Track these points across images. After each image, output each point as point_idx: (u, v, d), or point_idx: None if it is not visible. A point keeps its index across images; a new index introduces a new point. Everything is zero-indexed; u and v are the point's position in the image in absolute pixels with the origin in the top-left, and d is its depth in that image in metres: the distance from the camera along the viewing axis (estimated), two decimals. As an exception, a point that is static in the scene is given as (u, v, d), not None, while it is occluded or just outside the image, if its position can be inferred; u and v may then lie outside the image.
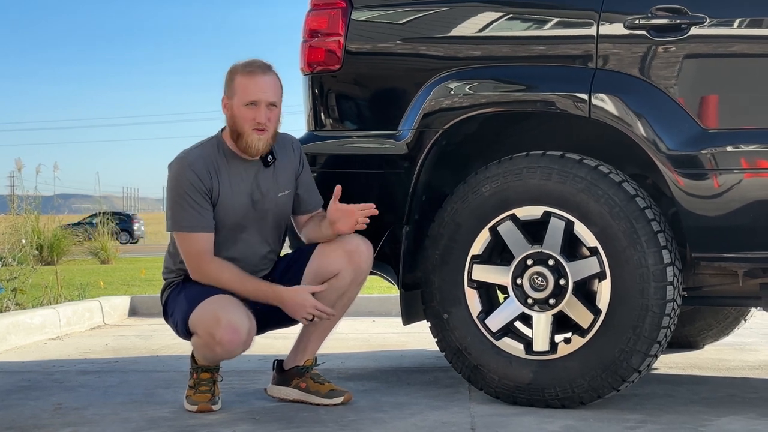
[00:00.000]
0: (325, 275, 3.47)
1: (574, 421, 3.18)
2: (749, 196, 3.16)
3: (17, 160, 11.71)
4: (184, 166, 3.38)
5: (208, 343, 3.30)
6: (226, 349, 3.30)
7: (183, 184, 3.35)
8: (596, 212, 3.28)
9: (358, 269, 3.46)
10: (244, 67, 3.42)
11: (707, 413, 3.31)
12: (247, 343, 3.33)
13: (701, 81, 3.27)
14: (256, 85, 3.37)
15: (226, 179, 3.42)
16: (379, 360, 4.62)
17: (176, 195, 3.37)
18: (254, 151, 3.40)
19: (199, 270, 3.40)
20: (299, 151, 3.57)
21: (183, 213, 3.36)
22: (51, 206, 13.97)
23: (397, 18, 3.68)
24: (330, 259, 3.46)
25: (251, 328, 3.32)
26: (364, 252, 3.47)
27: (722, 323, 4.68)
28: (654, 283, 3.22)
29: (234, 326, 3.26)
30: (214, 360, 3.42)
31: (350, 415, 3.34)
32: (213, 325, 3.27)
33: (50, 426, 3.25)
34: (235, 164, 3.45)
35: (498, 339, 3.44)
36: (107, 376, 4.25)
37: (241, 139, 3.39)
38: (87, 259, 13.19)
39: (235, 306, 3.32)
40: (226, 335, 3.26)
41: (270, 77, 3.41)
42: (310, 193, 3.58)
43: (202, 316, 3.31)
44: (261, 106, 3.36)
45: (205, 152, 3.43)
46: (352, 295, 3.53)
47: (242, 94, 3.38)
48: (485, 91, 3.49)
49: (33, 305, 6.26)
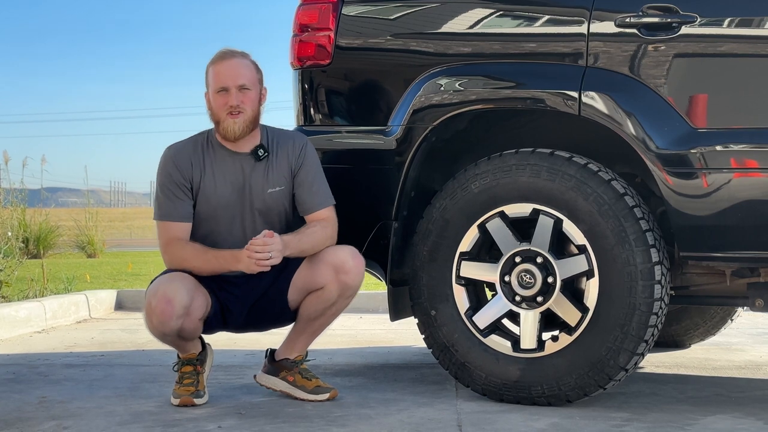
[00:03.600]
0: (311, 286, 3.46)
1: (560, 419, 3.18)
2: (738, 196, 3.17)
3: (4, 153, 11.64)
4: (167, 158, 3.48)
5: (147, 312, 3.35)
6: (159, 320, 3.31)
7: (164, 174, 3.47)
8: (585, 210, 3.27)
9: (343, 286, 3.43)
10: (214, 58, 3.48)
11: (693, 412, 3.32)
12: (184, 319, 3.31)
13: (691, 80, 3.27)
14: (224, 69, 3.43)
15: (209, 170, 3.46)
16: (366, 356, 4.61)
17: (158, 185, 3.49)
18: (232, 135, 3.43)
19: (167, 253, 3.47)
20: (301, 149, 3.52)
21: (162, 202, 3.46)
22: (38, 199, 13.90)
23: (388, 13, 3.67)
24: (316, 273, 3.44)
25: (191, 306, 3.32)
26: (352, 269, 3.42)
27: (709, 323, 4.69)
28: (642, 281, 3.22)
29: (168, 297, 3.29)
30: (157, 334, 3.39)
31: (337, 410, 3.33)
32: (152, 295, 3.33)
33: (34, 419, 3.23)
34: (222, 156, 3.47)
35: (485, 336, 3.44)
36: (92, 370, 4.23)
37: (220, 126, 3.44)
38: (73, 252, 13.14)
39: (179, 281, 3.34)
40: (159, 305, 3.29)
41: (238, 60, 3.44)
42: (309, 193, 3.51)
43: (149, 289, 3.38)
44: (231, 90, 3.40)
45: (191, 144, 3.50)
46: (341, 306, 3.51)
47: (213, 82, 3.44)
48: (475, 88, 3.48)
49: (18, 298, 6.23)
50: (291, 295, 3.48)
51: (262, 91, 3.50)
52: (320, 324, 3.54)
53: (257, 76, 3.47)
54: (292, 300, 3.49)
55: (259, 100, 3.47)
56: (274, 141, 3.52)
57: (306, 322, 3.52)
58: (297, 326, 3.56)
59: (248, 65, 3.46)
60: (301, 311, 3.50)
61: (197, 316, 3.37)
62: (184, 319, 3.32)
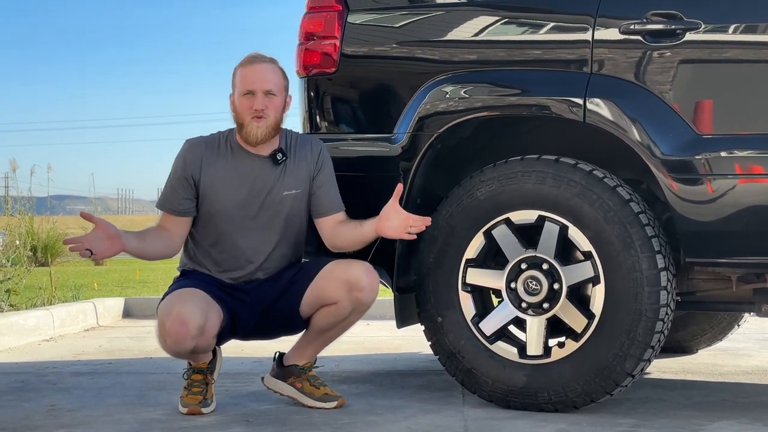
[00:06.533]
0: (324, 301, 3.46)
1: (567, 426, 3.18)
2: (743, 202, 3.17)
3: (12, 161, 11.67)
4: (181, 151, 3.54)
5: (161, 333, 3.33)
6: (174, 341, 3.30)
7: (174, 166, 3.54)
8: (590, 216, 3.28)
9: (357, 302, 3.43)
10: (244, 61, 3.48)
11: (700, 418, 3.32)
12: (199, 339, 3.32)
13: (696, 86, 3.28)
14: (252, 73, 3.43)
15: (221, 168, 3.47)
16: (373, 363, 4.62)
17: (169, 174, 3.55)
18: (254, 139, 3.43)
19: None
20: (319, 153, 3.55)
21: (164, 191, 3.54)
22: (45, 207, 13.92)
23: (393, 21, 3.69)
24: (330, 287, 3.44)
25: (205, 326, 3.31)
26: (366, 287, 3.42)
27: (715, 328, 4.69)
28: (648, 287, 3.22)
29: (183, 318, 3.27)
30: (172, 352, 3.40)
31: (344, 418, 3.34)
32: (166, 315, 3.31)
33: (43, 427, 3.24)
34: (240, 157, 3.49)
35: (492, 343, 3.44)
36: (101, 378, 4.24)
37: (243, 129, 3.45)
38: (81, 260, 13.17)
39: (193, 299, 3.33)
40: (174, 326, 3.28)
41: (266, 65, 3.46)
42: (327, 194, 3.53)
43: (162, 306, 3.37)
44: (258, 95, 3.41)
45: (208, 142, 3.54)
46: (353, 320, 3.52)
47: (240, 84, 3.44)
48: (480, 95, 3.49)
49: (27, 306, 6.25)
50: (303, 307, 3.49)
51: (287, 99, 3.51)
52: (331, 335, 3.55)
53: (284, 83, 3.49)
54: (303, 311, 3.50)
55: (283, 107, 3.48)
56: (293, 145, 3.54)
57: (317, 332, 3.53)
58: (307, 335, 3.57)
59: (276, 71, 3.47)
60: (313, 322, 3.51)
61: (212, 334, 3.38)
62: (198, 338, 3.32)
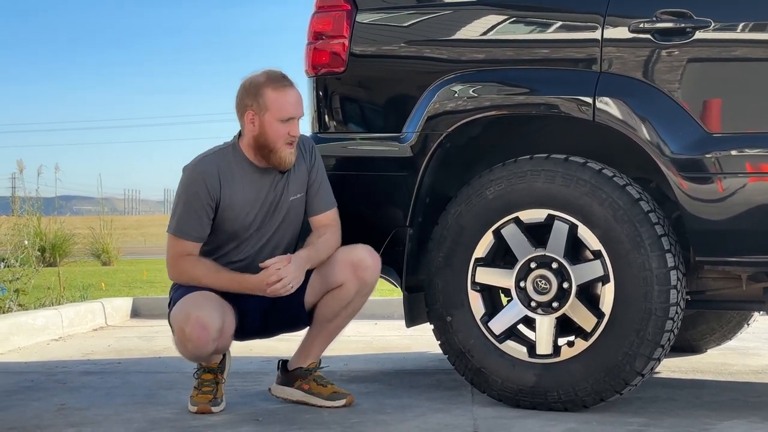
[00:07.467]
0: (330, 285, 3.47)
1: (576, 425, 3.18)
2: (753, 200, 3.17)
3: (19, 162, 11.69)
4: (196, 175, 3.43)
5: (181, 339, 3.34)
6: (195, 345, 3.31)
7: (189, 191, 3.42)
8: (600, 215, 3.28)
9: (362, 282, 3.45)
10: (273, 81, 3.42)
11: (709, 417, 3.31)
12: (219, 341, 3.33)
13: (706, 85, 3.27)
14: (291, 99, 3.42)
15: (239, 187, 3.44)
16: (382, 362, 4.62)
17: (182, 201, 3.44)
18: (286, 165, 3.44)
19: (176, 266, 3.45)
20: (312, 152, 3.56)
21: (181, 218, 3.42)
22: (53, 208, 13.94)
23: (402, 21, 3.69)
24: (335, 270, 3.45)
25: (223, 327, 3.32)
26: (370, 266, 3.45)
27: (725, 327, 4.68)
28: (657, 286, 3.22)
29: (202, 323, 3.28)
30: (192, 357, 3.41)
31: (353, 417, 3.34)
32: (184, 321, 3.31)
33: (53, 426, 3.25)
34: (250, 172, 3.47)
35: (501, 342, 3.44)
36: (110, 377, 4.25)
37: (273, 154, 3.41)
38: (89, 260, 13.17)
39: (208, 303, 3.33)
40: (195, 332, 3.28)
41: (296, 90, 3.47)
42: (318, 194, 3.54)
43: (177, 313, 3.36)
44: (296, 122, 3.42)
45: (220, 160, 3.46)
46: (357, 306, 3.52)
47: (277, 110, 3.40)
48: (489, 94, 3.49)
49: (35, 306, 6.26)
50: (308, 297, 3.49)
51: None
52: (335, 326, 3.55)
53: None
54: (308, 301, 3.50)
55: None
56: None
57: (321, 324, 3.53)
58: (312, 330, 3.57)
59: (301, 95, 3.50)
60: (317, 313, 3.51)
61: (229, 334, 3.39)
62: (218, 341, 3.33)
